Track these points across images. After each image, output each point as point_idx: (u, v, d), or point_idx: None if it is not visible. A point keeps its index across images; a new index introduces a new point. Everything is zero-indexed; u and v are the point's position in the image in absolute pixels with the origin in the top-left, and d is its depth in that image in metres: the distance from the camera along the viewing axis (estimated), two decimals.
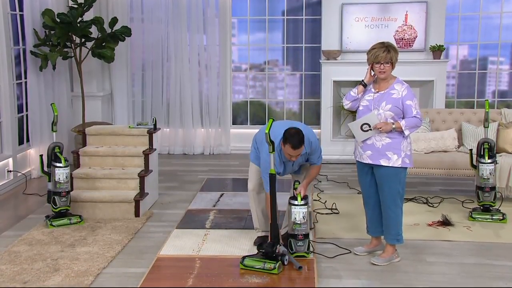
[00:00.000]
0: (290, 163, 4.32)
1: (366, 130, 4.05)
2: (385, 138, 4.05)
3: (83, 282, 3.81)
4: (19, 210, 5.58)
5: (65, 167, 5.05)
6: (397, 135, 4.05)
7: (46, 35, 6.69)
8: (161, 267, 4.10)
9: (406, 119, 4.01)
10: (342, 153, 7.55)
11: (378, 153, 4.07)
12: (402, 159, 4.06)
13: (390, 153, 4.05)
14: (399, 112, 4.03)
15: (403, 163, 4.07)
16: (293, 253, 4.19)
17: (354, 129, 4.12)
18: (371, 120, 4.03)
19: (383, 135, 4.05)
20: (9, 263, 4.14)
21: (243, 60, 8.49)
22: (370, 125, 4.03)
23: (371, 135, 4.07)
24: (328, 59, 7.63)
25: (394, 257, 4.21)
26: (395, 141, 4.05)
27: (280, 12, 8.29)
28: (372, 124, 4.02)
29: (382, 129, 3.99)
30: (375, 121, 4.02)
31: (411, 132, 4.06)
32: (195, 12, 7.92)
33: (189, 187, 6.35)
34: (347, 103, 4.22)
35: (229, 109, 8.26)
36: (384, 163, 4.06)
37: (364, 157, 4.15)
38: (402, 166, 4.07)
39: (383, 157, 4.06)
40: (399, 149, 4.06)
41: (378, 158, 4.08)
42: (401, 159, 4.06)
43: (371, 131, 4.04)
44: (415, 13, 7.57)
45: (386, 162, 4.06)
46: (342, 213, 5.36)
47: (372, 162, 4.11)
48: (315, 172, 4.42)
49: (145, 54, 8.09)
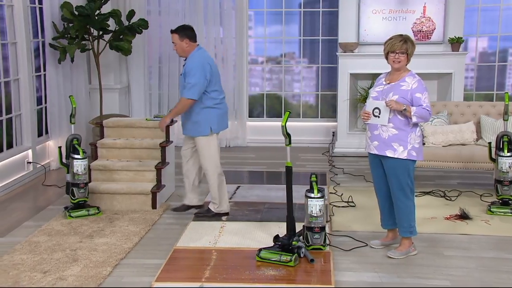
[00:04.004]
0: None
1: (376, 115, 4.05)
2: (392, 129, 4.02)
3: (101, 272, 3.86)
4: (39, 201, 5.65)
5: (83, 159, 5.10)
6: (404, 127, 4.02)
7: (65, 28, 6.75)
8: (178, 258, 4.13)
9: (417, 107, 3.97)
10: (359, 146, 7.52)
11: (384, 144, 4.06)
12: (408, 151, 4.03)
13: (396, 145, 4.03)
14: (406, 103, 3.98)
15: (409, 156, 4.04)
16: (309, 245, 4.20)
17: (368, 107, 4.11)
18: (382, 107, 4.01)
19: (389, 126, 4.02)
20: (29, 253, 4.20)
21: (260, 53, 8.47)
22: (380, 111, 4.02)
23: (378, 123, 4.04)
24: (345, 51, 7.59)
25: (411, 250, 4.19)
26: (402, 133, 4.02)
27: (297, 4, 8.26)
28: (383, 111, 4.01)
29: (392, 106, 3.94)
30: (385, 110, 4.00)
31: (417, 122, 4.01)
32: (212, 5, 7.92)
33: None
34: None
35: (245, 101, 8.27)
36: (390, 154, 4.05)
37: (372, 147, 4.14)
38: (408, 158, 4.04)
39: (389, 148, 4.04)
40: (406, 141, 4.03)
41: (384, 149, 4.06)
42: (407, 151, 4.03)
43: (379, 119, 4.02)
44: (433, 5, 7.49)
45: (392, 153, 4.04)
46: (358, 206, 5.35)
47: (378, 153, 4.10)
48: (179, 104, 4.76)
49: (162, 47, 8.12)
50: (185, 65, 4.78)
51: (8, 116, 6.08)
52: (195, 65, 4.70)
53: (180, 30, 4.80)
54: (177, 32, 4.77)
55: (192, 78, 4.67)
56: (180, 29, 4.80)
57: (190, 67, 4.71)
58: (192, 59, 4.75)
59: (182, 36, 4.74)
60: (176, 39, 4.75)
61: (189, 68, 4.70)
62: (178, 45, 4.76)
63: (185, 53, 4.79)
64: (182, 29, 4.80)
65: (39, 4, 6.67)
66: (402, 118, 4.01)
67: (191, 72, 4.68)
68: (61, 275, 3.82)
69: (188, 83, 4.68)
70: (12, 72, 6.17)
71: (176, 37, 4.75)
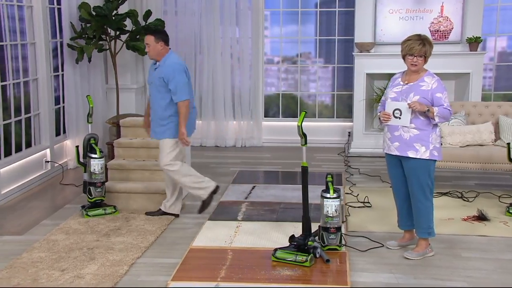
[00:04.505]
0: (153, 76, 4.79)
1: (397, 116, 4.02)
2: (413, 129, 4.00)
3: (118, 271, 3.89)
4: (56, 200, 5.71)
5: (100, 158, 5.14)
6: (425, 127, 4.00)
7: (82, 28, 6.81)
8: (194, 258, 4.15)
9: (439, 107, 3.95)
10: (375, 146, 7.48)
11: (406, 144, 4.03)
12: (430, 151, 4.01)
13: (418, 145, 4.01)
14: (427, 104, 3.97)
15: (431, 155, 4.02)
16: (325, 246, 4.18)
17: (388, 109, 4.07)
18: (404, 108, 3.99)
19: (411, 127, 4.00)
20: (47, 251, 4.25)
21: (276, 53, 8.47)
22: (401, 112, 3.99)
23: (399, 124, 4.02)
24: (361, 51, 7.56)
25: (428, 251, 4.16)
26: (423, 133, 4.00)
27: (313, 4, 8.24)
28: (404, 112, 3.98)
29: (416, 108, 3.91)
30: (406, 111, 3.97)
31: (439, 122, 4.00)
32: (228, 5, 7.94)
33: (221, 179, 6.38)
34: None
35: (261, 101, 8.27)
36: (412, 154, 4.02)
37: (392, 148, 4.11)
38: (430, 158, 4.02)
39: (411, 148, 4.02)
40: (428, 141, 4.01)
41: (405, 149, 4.04)
42: (429, 151, 4.01)
43: (400, 120, 4.00)
44: (451, 5, 7.42)
45: (414, 154, 4.02)
46: (374, 206, 5.32)
47: (399, 154, 4.07)
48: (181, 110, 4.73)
49: (178, 47, 8.15)
50: (161, 69, 4.74)
51: (27, 116, 6.15)
52: (176, 68, 4.72)
53: (157, 32, 4.81)
54: (153, 34, 4.77)
55: (177, 80, 4.70)
56: (156, 31, 4.82)
57: (170, 71, 4.70)
58: (171, 64, 4.74)
59: (157, 38, 4.74)
60: (152, 41, 4.73)
61: (170, 73, 4.70)
62: (152, 47, 4.74)
63: (159, 56, 4.77)
64: (158, 32, 4.83)
65: (58, 4, 6.74)
66: (423, 119, 3.99)
67: (175, 76, 4.69)
68: (78, 273, 3.86)
69: (174, 87, 4.69)
70: (31, 72, 6.24)
71: (152, 39, 4.73)
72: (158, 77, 4.76)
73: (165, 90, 4.75)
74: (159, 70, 4.77)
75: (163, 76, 4.72)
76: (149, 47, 4.76)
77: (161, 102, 4.79)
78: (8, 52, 5.80)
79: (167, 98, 4.76)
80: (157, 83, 4.77)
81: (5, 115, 5.71)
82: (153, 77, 4.83)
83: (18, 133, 5.98)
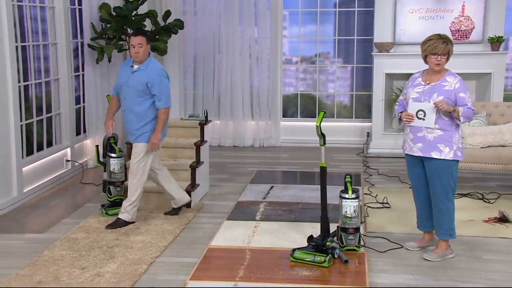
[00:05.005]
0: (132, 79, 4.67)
1: (420, 117, 3.98)
2: (437, 130, 3.98)
3: (137, 270, 3.92)
4: (77, 198, 5.78)
5: (119, 157, 5.19)
6: (449, 128, 3.97)
7: (103, 28, 6.88)
8: (212, 257, 4.17)
9: (463, 107, 3.92)
10: (394, 147, 7.43)
11: (430, 145, 4.00)
12: (454, 152, 3.98)
13: (441, 146, 3.97)
14: (451, 104, 3.93)
15: (455, 156, 3.99)
16: (343, 246, 4.17)
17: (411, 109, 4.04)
18: (428, 110, 3.95)
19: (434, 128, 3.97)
20: (68, 249, 4.30)
21: (294, 53, 8.46)
22: (425, 114, 3.96)
23: (423, 125, 3.99)
24: (380, 51, 7.51)
25: (448, 253, 4.13)
26: (447, 134, 3.97)
27: (332, 4, 8.21)
28: (428, 114, 3.95)
29: (444, 107, 3.87)
30: (431, 112, 3.93)
31: (463, 122, 3.97)
32: (247, 5, 7.95)
33: (239, 179, 6.41)
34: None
35: (279, 101, 8.27)
36: (436, 155, 3.99)
37: (415, 149, 4.08)
38: (454, 159, 3.99)
39: (435, 149, 3.99)
40: (451, 142, 3.98)
41: (429, 150, 4.01)
42: (453, 152, 3.98)
43: (424, 121, 3.96)
44: (472, 4, 7.34)
45: (438, 155, 3.98)
46: (393, 207, 5.29)
47: (423, 155, 4.04)
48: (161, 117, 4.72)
49: (197, 47, 8.20)
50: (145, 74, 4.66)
51: (48, 115, 6.22)
52: (162, 74, 4.70)
53: (147, 34, 4.80)
54: (145, 35, 4.71)
55: (163, 86, 4.68)
56: (147, 33, 4.78)
57: (156, 77, 4.65)
58: (156, 69, 4.69)
59: (148, 40, 4.70)
60: (144, 42, 4.65)
61: (156, 79, 4.65)
62: (144, 48, 4.65)
63: (144, 58, 4.70)
64: (148, 33, 4.76)
65: (79, 5, 6.82)
66: (446, 119, 3.96)
67: (161, 82, 4.67)
68: (98, 272, 3.89)
69: (160, 93, 4.66)
70: (52, 72, 6.32)
71: (145, 40, 4.66)
72: (141, 81, 4.66)
73: (148, 96, 4.69)
74: (141, 74, 4.67)
75: (147, 81, 4.64)
76: (140, 47, 4.64)
77: (140, 107, 4.71)
78: (30, 52, 5.88)
79: (148, 103, 4.70)
80: (138, 88, 4.67)
81: (27, 114, 5.79)
82: (131, 81, 4.69)
83: (39, 133, 6.06)
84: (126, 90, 4.75)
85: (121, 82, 4.78)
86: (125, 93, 4.75)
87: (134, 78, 4.70)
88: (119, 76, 4.84)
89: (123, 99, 4.79)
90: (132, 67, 4.74)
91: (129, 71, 4.75)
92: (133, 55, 4.68)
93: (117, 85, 4.85)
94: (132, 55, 4.70)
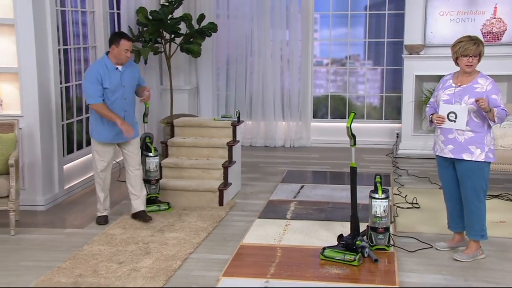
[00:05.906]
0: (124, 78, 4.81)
1: (451, 119, 4.00)
2: (468, 132, 3.99)
3: (172, 265, 4.04)
4: (114, 195, 5.92)
5: (155, 156, 5.35)
6: (480, 129, 3.99)
7: (140, 31, 7.09)
8: (244, 254, 4.26)
9: (497, 108, 3.91)
10: (423, 148, 7.43)
11: (461, 147, 4.02)
12: (486, 153, 3.99)
13: (473, 147, 3.99)
14: None
15: (487, 158, 4.00)
16: (373, 245, 4.24)
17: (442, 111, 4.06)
18: (460, 112, 3.97)
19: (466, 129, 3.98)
20: (106, 244, 4.47)
21: (325, 55, 8.53)
22: (456, 116, 3.98)
23: (454, 128, 4.01)
24: (410, 53, 7.53)
25: (479, 254, 4.14)
26: (478, 135, 3.99)
27: (363, 7, 8.26)
28: (460, 116, 3.96)
29: (484, 104, 3.83)
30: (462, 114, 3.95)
31: (496, 124, 3.98)
32: (279, 8, 8.06)
33: (270, 178, 6.50)
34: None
35: (310, 103, 8.35)
36: (467, 157, 4.01)
37: (446, 151, 4.10)
38: (485, 160, 4.00)
39: (466, 151, 4.01)
40: (483, 143, 3.99)
41: (460, 152, 4.03)
42: (485, 154, 3.99)
43: (455, 123, 3.99)
44: (505, 6, 7.30)
45: (469, 157, 4.00)
46: (423, 207, 5.32)
47: (454, 157, 4.06)
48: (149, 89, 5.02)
49: (230, 50, 8.34)
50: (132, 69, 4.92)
51: (87, 115, 6.43)
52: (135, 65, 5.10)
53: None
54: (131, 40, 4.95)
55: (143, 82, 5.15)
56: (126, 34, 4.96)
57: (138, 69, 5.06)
58: (134, 64, 5.06)
59: None
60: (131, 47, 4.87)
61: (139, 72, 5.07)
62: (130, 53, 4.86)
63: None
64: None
65: (117, 9, 7.04)
66: (478, 121, 3.98)
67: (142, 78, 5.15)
68: (134, 267, 4.03)
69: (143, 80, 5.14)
70: None
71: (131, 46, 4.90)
72: (135, 76, 4.97)
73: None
74: (130, 71, 4.90)
75: (138, 76, 5.01)
76: (130, 53, 4.83)
77: (133, 102, 5.01)
78: (71, 55, 6.10)
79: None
80: (133, 83, 4.96)
81: (68, 114, 6.01)
82: (125, 80, 4.84)
83: (79, 132, 6.28)
84: (123, 91, 4.83)
85: (114, 87, 4.77)
86: (124, 94, 4.85)
87: (127, 77, 4.89)
88: (109, 82, 4.73)
89: (123, 101, 4.85)
90: (117, 69, 4.82)
91: (117, 74, 4.80)
92: (125, 58, 4.79)
93: (106, 91, 4.74)
94: (123, 58, 4.77)
